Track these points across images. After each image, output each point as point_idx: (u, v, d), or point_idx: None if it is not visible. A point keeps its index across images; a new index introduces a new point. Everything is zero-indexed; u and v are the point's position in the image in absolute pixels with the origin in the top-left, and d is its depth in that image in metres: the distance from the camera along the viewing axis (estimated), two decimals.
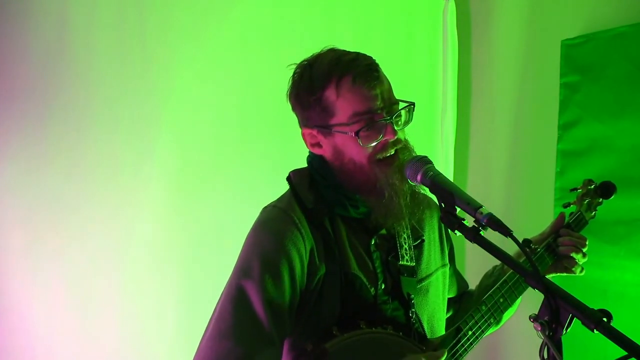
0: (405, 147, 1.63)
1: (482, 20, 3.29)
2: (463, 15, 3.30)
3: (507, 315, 1.85)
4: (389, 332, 1.59)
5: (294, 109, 1.69)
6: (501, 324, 1.86)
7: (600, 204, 2.04)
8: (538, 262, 1.86)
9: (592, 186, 2.03)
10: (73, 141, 2.36)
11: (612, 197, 2.02)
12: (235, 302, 1.55)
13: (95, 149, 2.40)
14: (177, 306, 2.54)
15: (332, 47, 1.67)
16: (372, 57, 1.64)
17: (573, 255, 1.90)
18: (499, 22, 3.19)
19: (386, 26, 3.05)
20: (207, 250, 2.57)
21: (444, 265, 1.84)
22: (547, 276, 1.91)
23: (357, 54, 1.63)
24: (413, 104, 1.63)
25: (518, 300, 1.85)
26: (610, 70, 2.64)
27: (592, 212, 2.02)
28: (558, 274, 1.93)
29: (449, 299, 1.94)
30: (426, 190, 1.59)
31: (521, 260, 1.79)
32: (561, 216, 1.96)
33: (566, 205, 2.01)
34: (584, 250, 1.91)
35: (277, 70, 2.60)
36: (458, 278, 1.99)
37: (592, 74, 2.71)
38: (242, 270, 1.58)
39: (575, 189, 2.04)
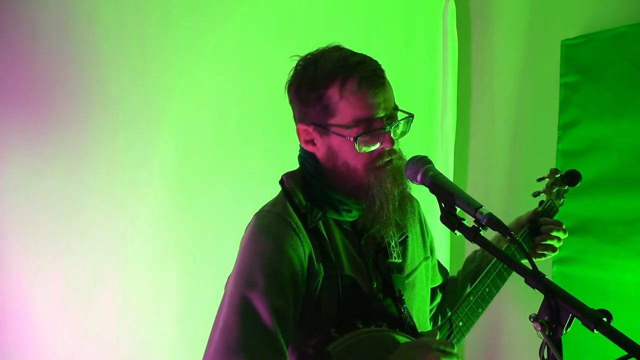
0: (400, 157, 1.63)
1: (482, 20, 3.29)
2: (463, 15, 3.31)
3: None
4: (385, 329, 1.60)
5: (291, 102, 1.66)
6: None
7: (566, 191, 2.11)
8: (518, 250, 1.90)
9: (558, 175, 2.09)
10: (74, 141, 2.37)
11: (578, 184, 2.09)
12: (241, 313, 1.51)
13: (95, 149, 2.40)
14: (177, 306, 2.54)
15: (337, 44, 1.64)
16: (378, 62, 1.62)
17: (549, 242, 1.95)
18: (499, 22, 3.19)
19: (386, 26, 3.05)
20: (208, 250, 2.57)
21: (426, 258, 1.86)
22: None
23: (364, 56, 1.61)
24: (413, 115, 1.62)
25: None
26: (610, 70, 2.63)
27: (560, 200, 2.10)
28: (536, 259, 1.98)
29: (435, 287, 1.98)
30: (426, 190, 1.59)
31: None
32: (535, 211, 2.02)
33: (536, 194, 2.06)
34: (562, 235, 1.96)
35: (277, 70, 2.61)
36: (440, 268, 2.02)
37: (592, 74, 2.71)
38: (245, 281, 1.55)
39: (542, 178, 2.10)
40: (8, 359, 2.24)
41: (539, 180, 2.10)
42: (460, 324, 1.72)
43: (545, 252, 1.96)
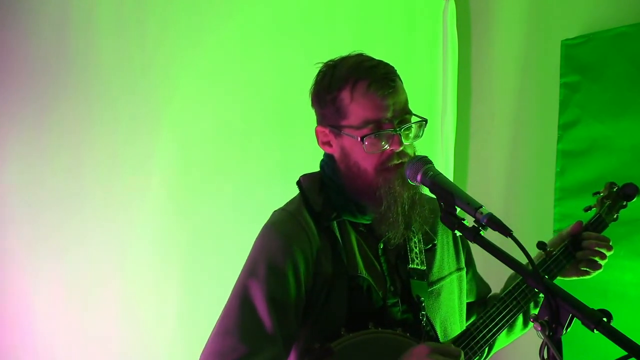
0: None
1: (482, 20, 3.29)
2: (463, 15, 3.30)
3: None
4: (398, 332, 1.60)
5: (312, 105, 1.72)
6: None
7: (624, 206, 1.98)
8: (554, 265, 1.82)
9: (615, 189, 1.98)
10: (74, 141, 2.37)
11: (635, 199, 1.96)
12: (240, 300, 1.59)
13: (96, 148, 2.40)
14: (177, 306, 2.54)
15: (360, 52, 1.69)
16: (393, 67, 1.65)
17: (592, 258, 1.84)
18: (499, 22, 3.19)
19: (386, 26, 3.05)
20: (208, 250, 2.57)
21: (459, 269, 1.83)
22: (567, 279, 1.87)
23: (379, 62, 1.65)
24: (426, 120, 1.64)
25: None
26: (610, 70, 2.64)
27: (614, 215, 1.96)
28: (579, 277, 1.88)
29: (472, 303, 1.93)
30: (426, 191, 1.60)
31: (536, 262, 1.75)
32: (578, 223, 1.89)
33: (587, 209, 1.95)
34: (607, 252, 1.85)
35: (277, 70, 2.62)
36: (478, 282, 1.97)
37: (592, 74, 2.71)
38: (249, 271, 1.61)
39: (598, 192, 1.98)
40: (8, 359, 2.24)
41: (595, 194, 1.98)
42: (479, 336, 1.68)
43: (589, 270, 1.85)
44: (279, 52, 2.67)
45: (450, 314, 1.77)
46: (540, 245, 1.61)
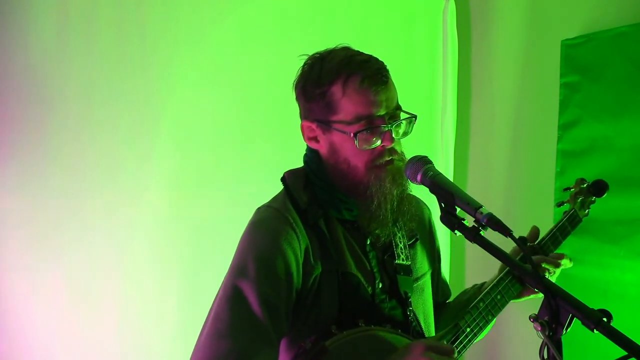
0: (401, 159, 1.63)
1: (482, 20, 3.29)
2: (463, 16, 3.30)
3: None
4: (388, 329, 1.60)
5: (297, 99, 1.69)
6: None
7: (593, 202, 2.06)
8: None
9: (585, 185, 2.05)
10: (73, 141, 2.37)
11: (605, 195, 2.04)
12: (231, 301, 1.54)
13: (95, 149, 2.40)
14: (177, 306, 2.54)
15: (345, 45, 1.67)
16: (383, 62, 1.64)
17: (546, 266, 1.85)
18: (499, 22, 3.19)
19: (386, 26, 3.05)
20: (207, 249, 2.57)
21: (433, 266, 1.86)
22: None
23: (370, 56, 1.64)
24: (415, 116, 1.63)
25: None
26: (610, 70, 2.63)
27: (585, 210, 2.04)
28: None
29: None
30: (426, 190, 1.59)
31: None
32: (534, 230, 1.92)
33: (560, 204, 2.03)
34: (557, 270, 1.85)
35: (277, 70, 2.61)
36: (442, 283, 1.97)
37: (592, 74, 2.70)
38: (238, 270, 1.58)
39: (569, 188, 2.07)
40: (8, 358, 2.24)
41: (565, 190, 2.06)
42: (468, 330, 1.68)
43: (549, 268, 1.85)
44: (278, 53, 2.67)
45: (431, 310, 1.78)
46: (521, 240, 1.61)
